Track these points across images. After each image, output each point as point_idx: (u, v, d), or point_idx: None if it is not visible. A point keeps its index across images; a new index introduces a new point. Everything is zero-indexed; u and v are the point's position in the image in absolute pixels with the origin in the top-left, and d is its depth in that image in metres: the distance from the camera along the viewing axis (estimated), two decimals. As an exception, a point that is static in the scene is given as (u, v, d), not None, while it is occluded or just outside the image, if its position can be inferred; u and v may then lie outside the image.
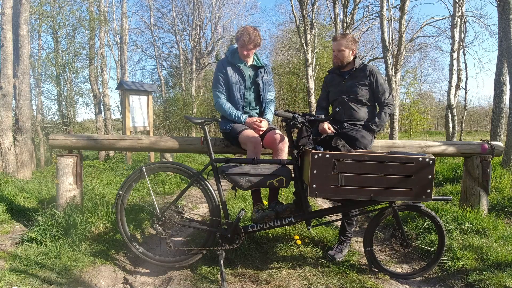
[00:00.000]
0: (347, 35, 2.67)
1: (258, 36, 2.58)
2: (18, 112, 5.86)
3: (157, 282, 2.23)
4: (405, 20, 8.17)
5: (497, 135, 5.18)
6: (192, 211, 3.86)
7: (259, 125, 2.56)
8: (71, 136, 2.96)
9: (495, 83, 5.37)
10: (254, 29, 2.58)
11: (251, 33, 2.53)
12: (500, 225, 2.94)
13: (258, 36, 2.57)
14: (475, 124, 35.58)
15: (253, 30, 2.56)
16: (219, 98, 2.66)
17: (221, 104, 2.64)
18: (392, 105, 2.69)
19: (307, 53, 11.14)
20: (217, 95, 2.66)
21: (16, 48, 5.73)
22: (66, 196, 2.87)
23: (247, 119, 2.60)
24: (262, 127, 2.56)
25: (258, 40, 2.58)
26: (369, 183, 1.99)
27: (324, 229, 2.94)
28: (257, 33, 2.57)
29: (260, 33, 2.61)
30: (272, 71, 3.57)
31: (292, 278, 2.23)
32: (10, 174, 5.39)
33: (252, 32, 2.54)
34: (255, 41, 2.55)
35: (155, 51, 18.06)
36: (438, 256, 2.24)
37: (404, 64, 15.99)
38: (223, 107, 2.63)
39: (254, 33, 2.54)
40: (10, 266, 2.31)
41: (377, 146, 2.94)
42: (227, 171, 2.15)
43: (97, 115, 10.66)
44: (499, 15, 5.16)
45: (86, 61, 10.31)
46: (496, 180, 4.17)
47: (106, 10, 12.13)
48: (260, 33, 2.62)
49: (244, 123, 2.60)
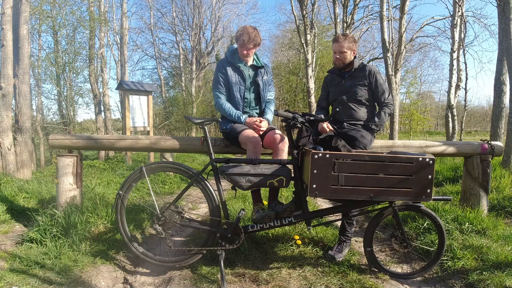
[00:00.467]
0: (348, 36, 2.66)
1: (258, 35, 2.58)
2: (18, 112, 5.86)
3: (157, 282, 2.23)
4: (405, 20, 8.16)
5: (497, 135, 5.18)
6: (192, 211, 3.86)
7: (259, 125, 2.56)
8: (71, 136, 2.96)
9: (495, 83, 5.37)
10: (253, 28, 2.58)
11: (251, 33, 2.53)
12: (500, 225, 2.94)
13: (257, 36, 2.57)
14: (475, 124, 35.58)
15: (253, 30, 2.56)
16: (219, 98, 2.66)
17: (221, 104, 2.64)
18: (392, 105, 2.69)
19: (307, 53, 11.14)
20: (217, 95, 2.66)
21: (16, 48, 5.73)
22: (66, 196, 2.87)
23: (247, 119, 2.60)
24: (262, 127, 2.56)
25: (258, 40, 2.58)
26: (369, 183, 1.99)
27: (324, 229, 2.94)
28: (256, 32, 2.57)
29: (259, 33, 2.61)
30: (272, 71, 3.56)
31: (292, 278, 2.23)
32: (10, 174, 5.39)
33: (251, 32, 2.54)
34: (255, 40, 2.55)
35: (155, 51, 18.08)
36: (438, 256, 2.24)
37: (404, 64, 15.99)
38: (223, 107, 2.63)
39: (254, 33, 2.54)
40: (10, 266, 2.31)
41: (377, 146, 2.94)
42: (227, 171, 2.15)
43: (97, 115, 10.66)
44: (499, 15, 5.15)
45: (86, 61, 10.31)
46: (496, 180, 4.17)
47: (106, 10, 12.13)
48: (259, 32, 2.62)
49: (244, 123, 2.60)
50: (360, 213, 2.69)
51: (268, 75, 2.76)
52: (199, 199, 4.45)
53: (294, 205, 2.25)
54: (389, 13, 9.45)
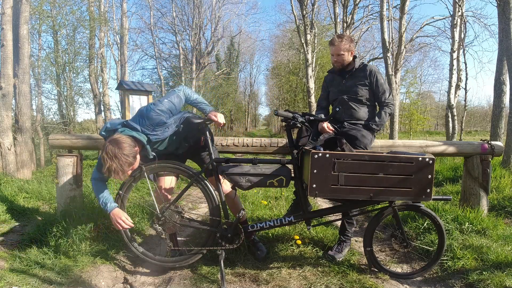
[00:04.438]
0: (344, 37, 2.62)
1: None
2: (18, 112, 5.87)
3: (157, 282, 2.23)
4: (405, 20, 8.17)
5: (497, 135, 5.18)
6: (192, 211, 3.86)
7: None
8: (71, 136, 2.96)
9: (495, 83, 5.37)
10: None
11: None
12: (500, 225, 2.94)
13: None
14: (475, 124, 35.59)
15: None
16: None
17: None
18: (392, 105, 2.69)
19: (307, 53, 11.14)
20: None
21: (16, 48, 5.73)
22: (66, 196, 2.87)
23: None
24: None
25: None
26: (369, 183, 1.99)
27: (324, 229, 2.94)
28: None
29: None
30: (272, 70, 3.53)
31: (292, 278, 2.23)
32: (10, 174, 5.39)
33: None
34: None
35: (155, 51, 18.03)
36: (438, 256, 2.24)
37: (404, 64, 15.98)
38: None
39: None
40: (10, 266, 2.31)
41: (377, 146, 2.94)
42: (227, 170, 2.16)
43: (97, 115, 10.67)
44: (499, 15, 5.16)
45: (86, 61, 10.31)
46: (496, 180, 4.17)
47: (106, 10, 12.14)
48: None
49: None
50: (360, 213, 2.68)
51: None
52: (199, 199, 4.45)
53: (294, 205, 2.23)
54: (389, 13, 9.45)
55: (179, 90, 2.23)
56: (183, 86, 2.31)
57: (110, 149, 1.88)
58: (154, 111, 2.05)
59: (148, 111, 2.05)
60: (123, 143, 1.91)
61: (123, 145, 1.91)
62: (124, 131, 2.01)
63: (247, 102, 35.33)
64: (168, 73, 20.85)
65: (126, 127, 2.04)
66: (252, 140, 2.99)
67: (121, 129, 2.03)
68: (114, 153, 1.87)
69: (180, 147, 2.39)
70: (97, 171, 2.19)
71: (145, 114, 2.05)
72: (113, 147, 1.89)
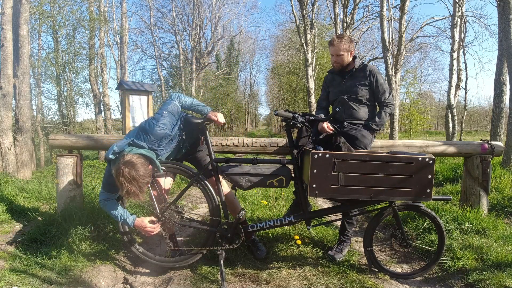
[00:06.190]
0: (343, 37, 2.62)
1: None
2: (18, 112, 5.86)
3: (157, 282, 2.23)
4: (405, 20, 8.16)
5: (497, 135, 5.18)
6: (192, 211, 3.86)
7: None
8: (71, 136, 2.96)
9: (495, 83, 5.37)
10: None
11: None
12: (500, 225, 2.94)
13: None
14: (475, 124, 35.60)
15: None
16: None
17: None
18: (392, 105, 2.69)
19: (307, 53, 11.15)
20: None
21: (16, 48, 5.73)
22: (66, 196, 2.86)
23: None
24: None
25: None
26: (369, 183, 1.99)
27: (324, 229, 2.94)
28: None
29: None
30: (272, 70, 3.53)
31: (292, 278, 2.23)
32: (10, 174, 5.39)
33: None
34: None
35: (155, 51, 18.02)
36: (438, 256, 2.24)
37: (404, 64, 15.98)
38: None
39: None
40: (10, 266, 2.32)
41: (377, 145, 2.94)
42: (227, 171, 2.16)
43: (97, 115, 10.66)
44: (499, 15, 5.15)
45: (86, 61, 10.31)
46: (496, 180, 4.17)
47: (106, 10, 12.13)
48: None
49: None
50: (360, 213, 2.69)
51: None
52: (199, 199, 4.45)
53: (294, 205, 2.24)
54: (389, 13, 9.45)
55: (173, 99, 2.22)
56: (175, 93, 2.30)
57: (127, 172, 1.85)
58: (158, 126, 2.07)
59: (151, 127, 2.06)
60: (137, 164, 1.89)
61: (138, 166, 1.89)
62: (132, 150, 2.00)
63: (247, 102, 35.32)
64: (168, 73, 20.84)
65: (132, 146, 2.04)
66: (252, 140, 2.99)
67: (128, 148, 2.01)
68: (131, 175, 1.85)
69: (179, 153, 2.41)
70: (104, 191, 2.16)
71: (149, 130, 2.06)
72: (130, 170, 1.86)
